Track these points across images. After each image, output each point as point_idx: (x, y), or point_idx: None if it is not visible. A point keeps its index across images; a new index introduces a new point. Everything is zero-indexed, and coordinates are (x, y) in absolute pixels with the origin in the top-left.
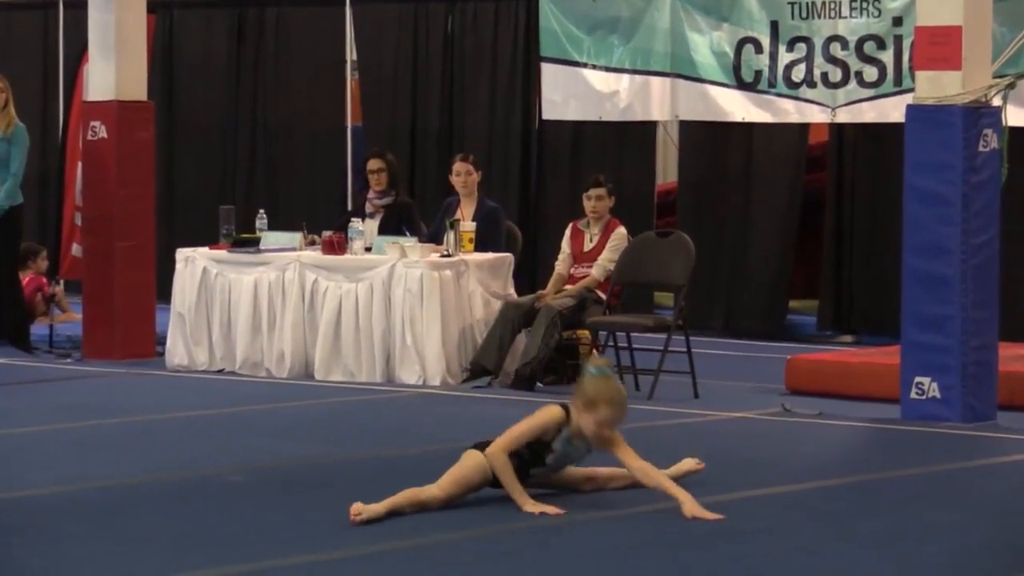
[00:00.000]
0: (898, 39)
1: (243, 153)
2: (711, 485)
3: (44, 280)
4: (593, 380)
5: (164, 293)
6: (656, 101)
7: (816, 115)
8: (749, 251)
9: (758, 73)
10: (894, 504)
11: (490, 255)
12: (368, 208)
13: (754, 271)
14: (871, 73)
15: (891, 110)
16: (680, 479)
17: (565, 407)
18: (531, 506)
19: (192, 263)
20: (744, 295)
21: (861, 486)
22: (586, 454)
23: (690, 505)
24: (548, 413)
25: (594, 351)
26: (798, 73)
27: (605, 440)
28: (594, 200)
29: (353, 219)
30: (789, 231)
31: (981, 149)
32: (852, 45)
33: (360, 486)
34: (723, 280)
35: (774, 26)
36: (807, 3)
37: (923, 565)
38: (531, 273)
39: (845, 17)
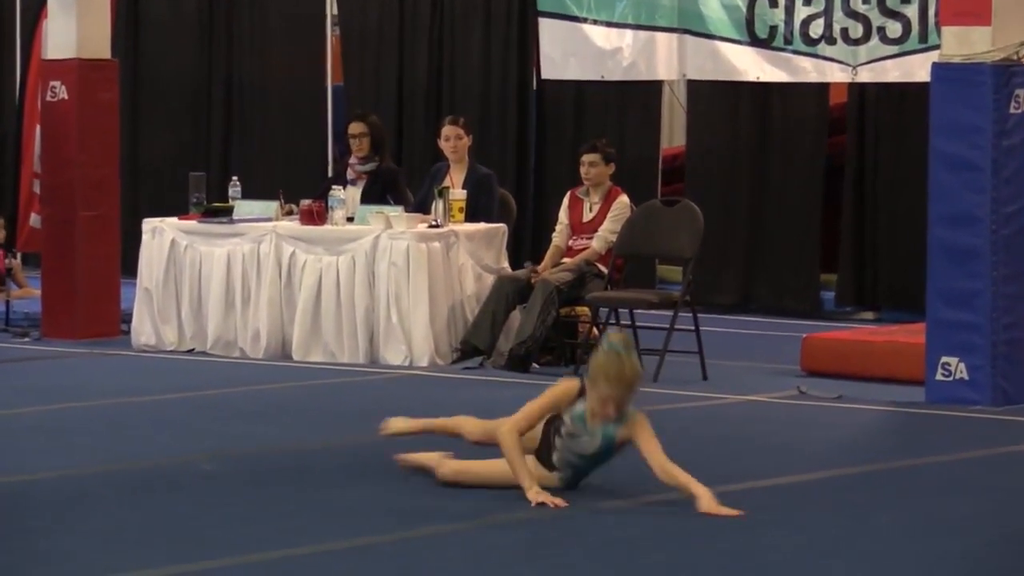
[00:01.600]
0: None
1: (215, 115)
2: (720, 474)
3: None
4: (601, 354)
5: (129, 267)
6: (662, 59)
7: (835, 74)
8: (764, 221)
9: (773, 29)
10: (917, 495)
11: (482, 226)
12: (350, 175)
13: (770, 243)
14: (895, 29)
15: (916, 69)
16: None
17: (583, 383)
18: (534, 493)
19: (160, 234)
20: (761, 269)
21: (882, 475)
22: (605, 448)
23: (708, 501)
24: (564, 385)
25: (607, 329)
26: (816, 29)
27: (607, 417)
28: (587, 166)
29: (334, 187)
30: (811, 199)
31: (1012, 111)
32: None
33: (341, 475)
34: (736, 253)
35: None
36: None
37: (948, 560)
38: (527, 245)
39: None
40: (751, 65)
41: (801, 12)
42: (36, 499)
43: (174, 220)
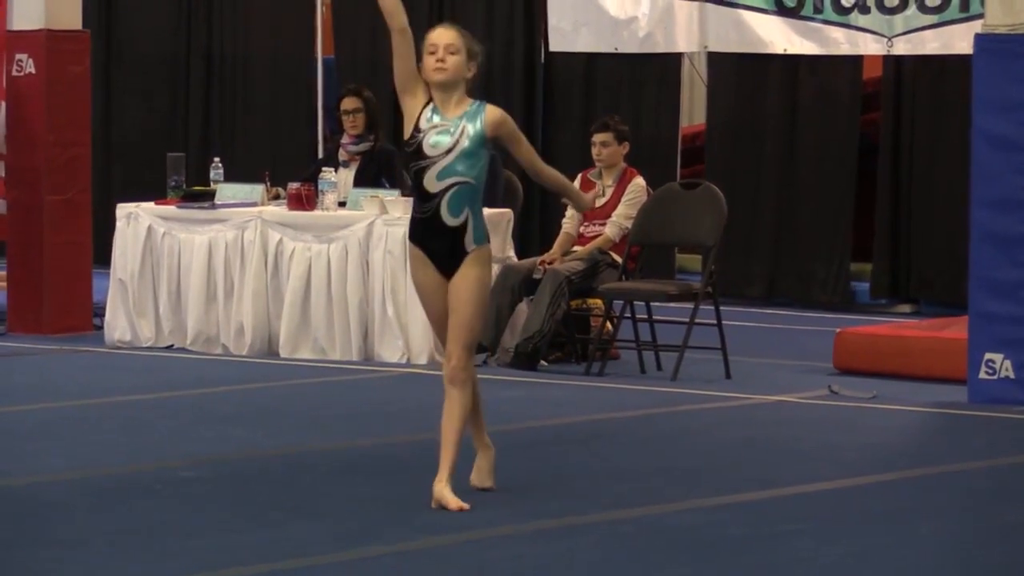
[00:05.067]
0: None
1: (195, 91)
2: (745, 480)
3: None
4: None
5: (102, 256)
6: (682, 29)
7: (870, 46)
8: (794, 206)
9: None
10: (960, 502)
11: (486, 211)
12: (342, 156)
13: (800, 230)
14: None
15: (957, 40)
16: None
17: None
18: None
19: (135, 220)
20: (791, 258)
21: (921, 481)
22: (474, 133)
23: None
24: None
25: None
26: None
27: (440, 74)
28: (598, 146)
29: (324, 169)
30: (842, 182)
31: None
32: None
33: (332, 481)
34: (762, 240)
35: None
36: None
37: (994, 572)
38: (535, 232)
39: None
40: (778, 36)
41: None
42: (1, 507)
43: (151, 205)
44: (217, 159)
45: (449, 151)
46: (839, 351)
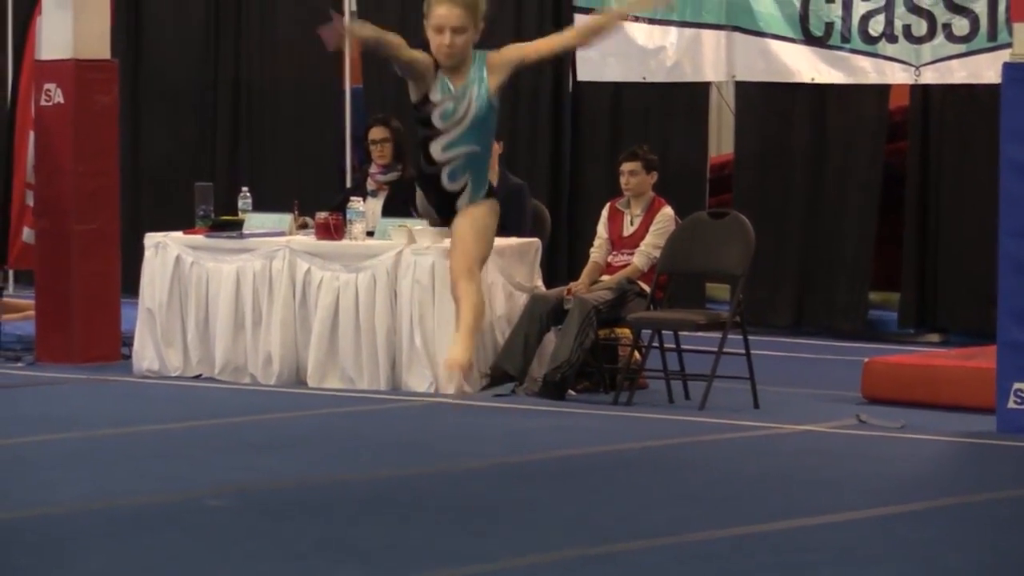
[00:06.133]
0: None
1: (223, 121)
2: (773, 509)
3: None
4: None
5: (130, 285)
6: (709, 59)
7: (897, 75)
8: (820, 236)
9: (829, 26)
10: (989, 533)
11: (514, 240)
12: (370, 185)
13: (827, 259)
14: (961, 25)
15: (985, 69)
16: None
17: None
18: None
19: (163, 250)
20: (818, 287)
21: (950, 512)
22: (482, 97)
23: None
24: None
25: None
26: (876, 26)
27: (451, 50)
28: (627, 175)
29: (352, 198)
30: (868, 211)
31: None
32: None
33: (360, 511)
34: (791, 269)
35: None
36: None
37: None
38: (562, 262)
39: None
40: (805, 65)
41: (860, 8)
42: (27, 537)
43: (179, 234)
44: (245, 188)
45: (459, 122)
46: (867, 380)
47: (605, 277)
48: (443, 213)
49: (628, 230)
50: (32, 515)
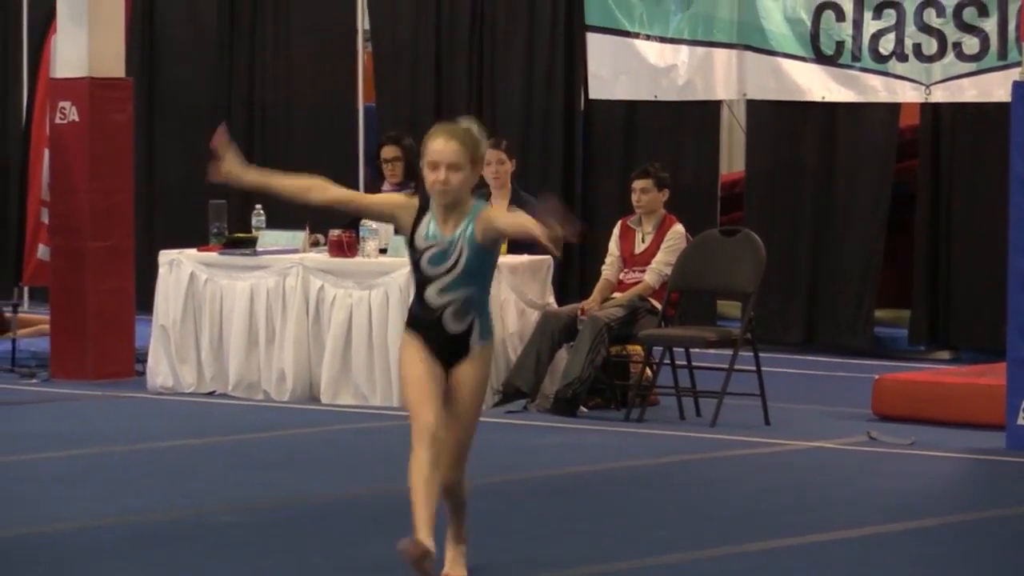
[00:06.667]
0: (1003, 4)
1: (236, 139)
2: (784, 525)
3: None
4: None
5: (145, 302)
6: (720, 77)
7: (908, 93)
8: (831, 253)
9: (840, 44)
10: (998, 549)
11: (526, 258)
12: None
13: (837, 276)
14: (971, 44)
15: (994, 87)
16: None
17: (422, 195)
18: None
19: (177, 267)
20: (827, 304)
21: (960, 528)
22: (472, 250)
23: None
24: (401, 198)
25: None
26: (887, 44)
27: (445, 186)
28: (638, 193)
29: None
30: (877, 230)
31: None
32: (949, 12)
33: (373, 527)
34: (801, 286)
35: None
36: None
37: None
38: (574, 279)
39: None
40: (816, 84)
41: (870, 27)
42: (40, 553)
43: (193, 251)
44: (259, 206)
45: (450, 270)
46: (878, 397)
47: (617, 294)
48: (451, 358)
49: (640, 247)
50: (46, 531)
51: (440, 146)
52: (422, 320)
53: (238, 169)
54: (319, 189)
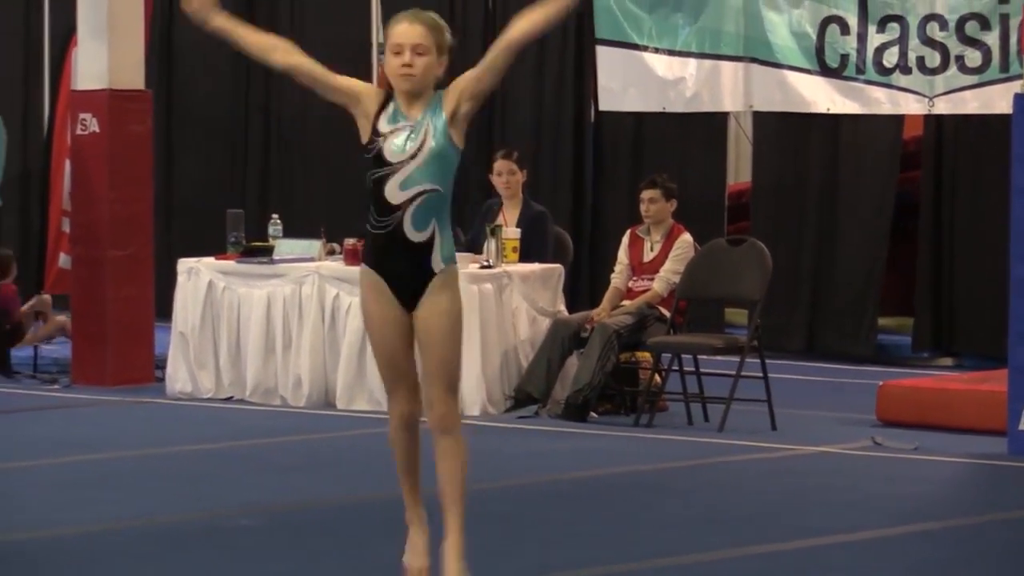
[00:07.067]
0: (1004, 18)
1: (254, 149)
2: (790, 529)
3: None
4: None
5: (164, 310)
6: (727, 90)
7: (911, 105)
8: (835, 261)
9: (844, 57)
10: (1000, 553)
11: (537, 266)
12: None
13: (841, 284)
14: (974, 57)
15: (997, 99)
16: None
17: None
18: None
19: (196, 275)
20: (829, 312)
21: (962, 532)
22: (438, 130)
23: None
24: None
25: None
26: (890, 57)
27: (407, 70)
28: (646, 203)
29: None
30: (880, 238)
31: None
32: (952, 25)
33: (387, 530)
34: (805, 295)
35: (862, 3)
36: None
37: None
38: (584, 287)
39: None
40: (821, 96)
41: (874, 40)
42: (61, 556)
43: (211, 260)
44: (275, 215)
45: (414, 156)
46: (882, 403)
47: (626, 302)
48: (412, 286)
49: (648, 256)
50: (66, 533)
51: (404, 28)
52: (379, 233)
53: (208, 7)
54: (283, 51)
